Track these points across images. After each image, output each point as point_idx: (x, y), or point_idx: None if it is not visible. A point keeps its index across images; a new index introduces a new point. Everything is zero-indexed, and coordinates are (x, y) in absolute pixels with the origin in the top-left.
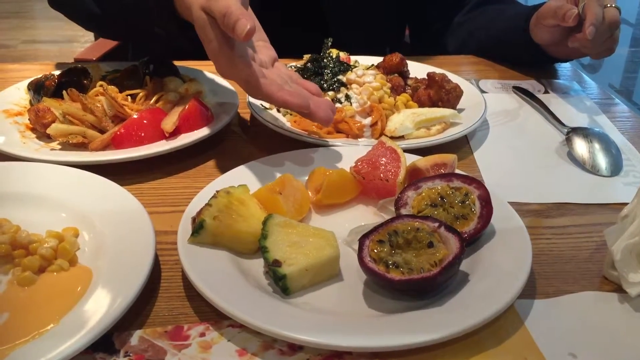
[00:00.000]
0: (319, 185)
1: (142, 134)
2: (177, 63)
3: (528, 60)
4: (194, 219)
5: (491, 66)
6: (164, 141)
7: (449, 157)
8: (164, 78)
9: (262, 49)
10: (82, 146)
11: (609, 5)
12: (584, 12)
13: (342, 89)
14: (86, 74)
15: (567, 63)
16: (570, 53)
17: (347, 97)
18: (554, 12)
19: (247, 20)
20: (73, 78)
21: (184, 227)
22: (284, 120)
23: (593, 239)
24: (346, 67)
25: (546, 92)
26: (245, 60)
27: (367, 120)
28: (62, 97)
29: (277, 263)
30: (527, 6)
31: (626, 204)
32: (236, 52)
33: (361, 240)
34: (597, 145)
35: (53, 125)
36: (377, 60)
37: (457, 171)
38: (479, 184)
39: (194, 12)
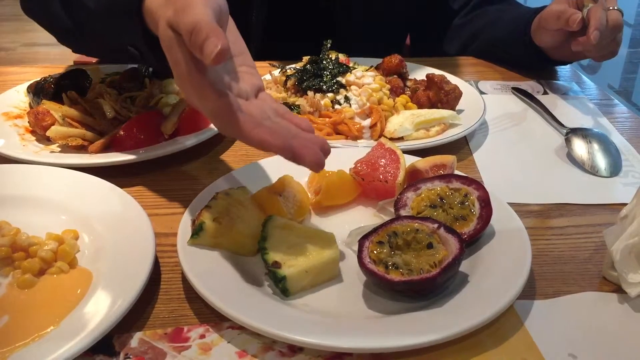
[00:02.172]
0: (318, 187)
1: (142, 137)
2: None
3: (529, 62)
4: (193, 221)
5: (490, 67)
6: (163, 143)
7: (448, 158)
8: (163, 80)
9: (246, 75)
10: (81, 148)
11: (611, 8)
12: (588, 17)
13: (342, 90)
14: (86, 76)
15: None
16: (572, 56)
17: (347, 99)
18: (557, 16)
19: (218, 39)
20: (72, 81)
21: (184, 229)
22: None
23: (592, 239)
24: (345, 69)
25: (545, 93)
26: (217, 89)
27: (367, 122)
28: (61, 100)
29: (276, 265)
30: (528, 8)
31: (625, 204)
32: (207, 78)
33: (361, 242)
34: (596, 146)
35: (52, 127)
36: (376, 61)
37: (457, 172)
38: (479, 184)
39: (160, 29)
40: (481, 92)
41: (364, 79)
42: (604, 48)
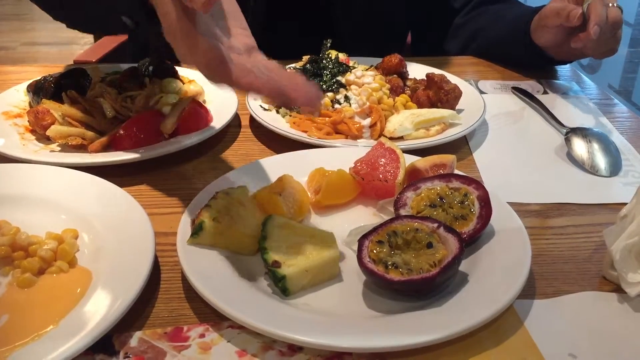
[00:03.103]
0: (318, 186)
1: (142, 136)
2: (176, 65)
3: (529, 62)
4: (193, 220)
5: (490, 67)
6: (163, 143)
7: (448, 158)
8: (163, 79)
9: (239, 36)
10: (81, 148)
11: (611, 4)
12: (588, 12)
13: (341, 90)
14: (85, 75)
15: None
16: (572, 54)
17: (346, 98)
18: (557, 13)
19: None
20: (72, 80)
21: (184, 229)
22: (283, 121)
23: (592, 239)
24: (345, 68)
25: (545, 92)
26: (209, 40)
27: (366, 121)
28: (61, 99)
29: (276, 264)
30: (528, 7)
31: (625, 204)
32: (197, 29)
33: (360, 241)
34: (596, 146)
35: (52, 127)
36: (376, 61)
37: (456, 172)
38: (478, 184)
39: None
40: (481, 92)
41: (363, 78)
42: (604, 45)
